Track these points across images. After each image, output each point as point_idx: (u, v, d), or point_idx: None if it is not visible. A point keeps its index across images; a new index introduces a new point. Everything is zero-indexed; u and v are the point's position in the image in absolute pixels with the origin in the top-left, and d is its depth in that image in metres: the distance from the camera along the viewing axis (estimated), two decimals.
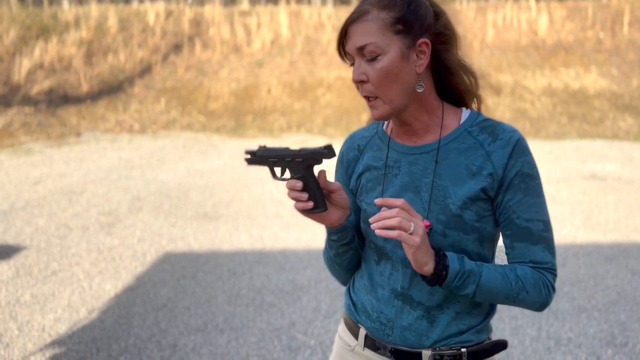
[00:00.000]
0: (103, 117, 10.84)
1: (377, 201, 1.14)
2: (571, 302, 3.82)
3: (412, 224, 1.10)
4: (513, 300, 1.19)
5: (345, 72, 11.80)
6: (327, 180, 1.23)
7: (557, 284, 4.05)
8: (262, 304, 3.80)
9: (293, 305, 3.79)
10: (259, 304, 3.80)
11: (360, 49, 1.17)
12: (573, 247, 4.85)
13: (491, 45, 12.47)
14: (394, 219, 1.09)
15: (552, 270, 1.22)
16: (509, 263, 1.24)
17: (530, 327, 3.48)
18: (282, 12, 13.61)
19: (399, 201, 1.12)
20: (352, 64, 1.21)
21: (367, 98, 1.21)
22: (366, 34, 1.16)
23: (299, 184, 1.19)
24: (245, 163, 7.83)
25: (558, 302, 3.83)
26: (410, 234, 1.10)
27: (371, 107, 1.22)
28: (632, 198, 6.31)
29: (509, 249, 1.23)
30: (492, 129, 1.22)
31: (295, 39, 12.95)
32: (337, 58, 12.30)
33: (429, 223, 1.20)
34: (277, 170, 1.29)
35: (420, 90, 1.20)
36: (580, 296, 3.92)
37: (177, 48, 12.88)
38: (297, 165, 1.21)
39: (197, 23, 13.60)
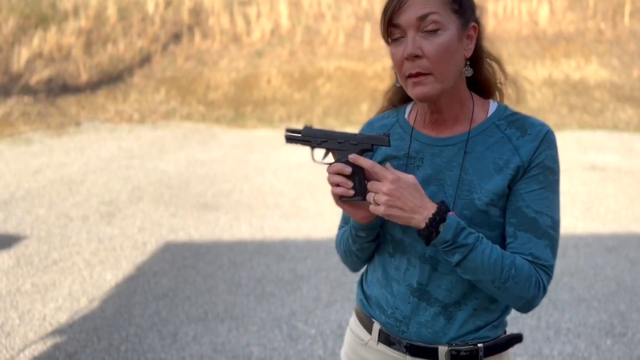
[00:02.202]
0: (103, 106, 10.81)
1: (351, 157, 1.14)
2: (571, 293, 3.84)
3: (372, 195, 1.11)
4: (499, 286, 1.13)
5: (345, 62, 11.77)
6: None
7: (556, 274, 4.07)
8: (262, 294, 3.81)
9: (293, 294, 3.80)
10: (259, 294, 3.81)
11: (422, 19, 1.11)
12: (573, 237, 4.86)
13: (491, 36, 12.40)
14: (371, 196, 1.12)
15: (549, 272, 1.17)
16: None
17: (530, 317, 3.49)
18: (282, 2, 13.53)
19: (367, 162, 1.12)
20: (395, 39, 1.16)
21: (416, 75, 1.14)
22: (428, 5, 1.11)
23: (349, 169, 1.15)
24: (241, 153, 7.84)
25: (558, 292, 3.84)
26: (377, 204, 1.11)
27: (418, 83, 1.15)
28: (632, 189, 6.31)
29: (511, 238, 1.18)
30: (521, 123, 1.20)
31: (295, 29, 12.90)
32: (337, 48, 12.28)
33: (453, 214, 1.17)
34: (317, 152, 1.26)
35: (468, 74, 1.19)
36: (580, 286, 3.93)
37: (176, 37, 12.83)
38: (349, 148, 1.18)
39: (197, 12, 13.53)
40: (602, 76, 11.51)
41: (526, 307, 1.18)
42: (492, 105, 1.24)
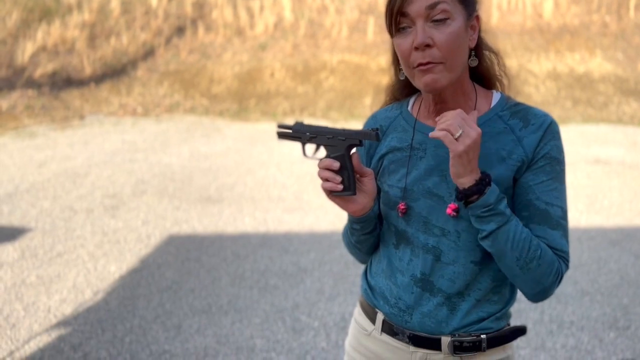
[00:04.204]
0: (106, 100, 10.82)
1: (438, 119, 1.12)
2: (574, 286, 3.84)
3: (461, 130, 1.07)
4: (522, 266, 1.13)
5: (349, 55, 11.75)
6: (360, 164, 1.20)
7: None
8: (266, 286, 3.82)
9: (297, 287, 3.82)
10: (262, 286, 3.82)
11: (431, 7, 1.11)
12: (577, 231, 4.86)
13: (495, 29, 12.37)
14: (446, 122, 1.09)
15: (567, 261, 1.18)
16: None
17: (533, 310, 3.50)
18: None
19: (457, 111, 1.11)
20: (402, 29, 1.15)
21: (426, 64, 1.13)
22: None
23: (337, 164, 1.17)
24: (244, 147, 7.84)
25: (561, 285, 3.84)
26: (456, 139, 1.07)
27: (427, 71, 1.14)
28: (636, 182, 6.30)
29: None
30: (524, 113, 1.20)
31: (299, 22, 12.87)
32: (340, 41, 12.25)
33: (456, 205, 1.18)
34: (308, 148, 1.26)
35: (473, 64, 1.19)
36: (584, 280, 3.94)
37: (180, 31, 12.81)
38: (338, 144, 1.18)
39: (200, 5, 13.51)
40: (606, 69, 11.47)
41: (541, 294, 1.18)
42: (495, 96, 1.24)
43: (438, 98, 1.22)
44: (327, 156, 1.19)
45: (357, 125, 8.80)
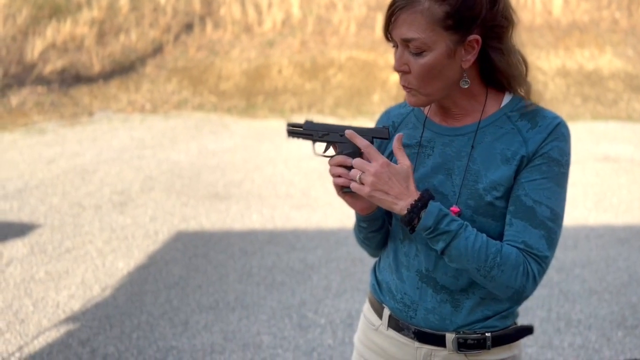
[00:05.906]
0: (115, 96, 10.86)
1: (347, 132, 1.17)
2: (582, 284, 3.82)
3: (359, 172, 1.13)
4: (484, 275, 1.13)
5: (357, 52, 11.73)
6: None
7: (568, 266, 4.06)
8: (273, 283, 3.83)
9: (304, 284, 3.82)
10: (270, 283, 3.83)
11: (406, 41, 1.13)
12: (585, 228, 4.84)
13: None
14: (351, 173, 1.14)
15: (541, 262, 1.15)
16: (503, 241, 1.18)
17: (540, 308, 3.49)
18: None
19: (363, 142, 1.14)
20: (395, 46, 1.19)
21: (404, 87, 1.19)
22: (413, 27, 1.11)
23: (350, 160, 1.17)
24: (252, 143, 7.85)
25: (569, 283, 3.83)
26: (361, 183, 1.12)
27: (408, 93, 1.19)
28: None
29: (507, 225, 1.17)
30: (533, 115, 1.19)
31: (307, 19, 12.86)
32: (348, 38, 12.23)
33: (458, 209, 1.17)
34: (318, 145, 1.29)
35: (465, 87, 1.17)
36: (591, 278, 3.92)
37: (188, 27, 12.83)
38: (350, 141, 1.20)
39: (208, 2, 13.52)
40: (616, 66, 11.39)
41: (516, 297, 1.17)
42: (507, 97, 1.24)
43: (439, 105, 1.24)
44: (339, 153, 1.20)
45: (365, 121, 8.79)
